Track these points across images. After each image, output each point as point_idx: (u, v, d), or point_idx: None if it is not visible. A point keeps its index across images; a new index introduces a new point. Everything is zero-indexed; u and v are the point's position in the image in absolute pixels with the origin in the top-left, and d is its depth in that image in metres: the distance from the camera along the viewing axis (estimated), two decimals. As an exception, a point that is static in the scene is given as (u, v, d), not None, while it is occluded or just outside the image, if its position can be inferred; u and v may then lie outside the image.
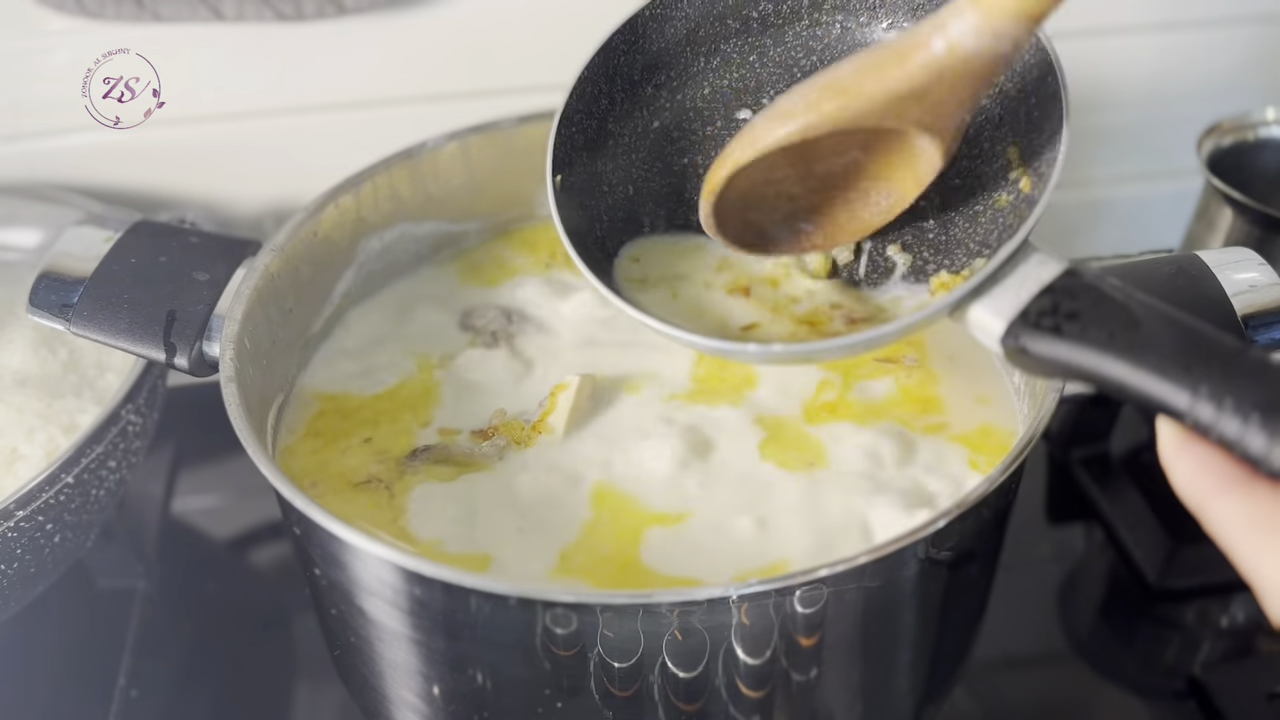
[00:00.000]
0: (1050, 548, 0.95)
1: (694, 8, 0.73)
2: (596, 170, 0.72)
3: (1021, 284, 0.59)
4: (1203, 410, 0.51)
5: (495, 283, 0.85)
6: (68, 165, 0.96)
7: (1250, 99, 1.00)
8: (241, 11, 0.89)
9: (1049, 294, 0.58)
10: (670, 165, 0.74)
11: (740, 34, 0.74)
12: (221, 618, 0.91)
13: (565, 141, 0.70)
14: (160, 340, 0.71)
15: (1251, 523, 0.48)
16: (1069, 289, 0.58)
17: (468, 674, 0.64)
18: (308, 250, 0.78)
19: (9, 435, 0.78)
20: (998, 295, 0.60)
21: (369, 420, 0.75)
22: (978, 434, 0.72)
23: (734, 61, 0.74)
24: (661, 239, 0.73)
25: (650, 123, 0.74)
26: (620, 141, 0.73)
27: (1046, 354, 0.57)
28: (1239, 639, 0.87)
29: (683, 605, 0.58)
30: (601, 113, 0.73)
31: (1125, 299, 0.56)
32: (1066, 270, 0.59)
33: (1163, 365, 0.53)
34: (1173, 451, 0.51)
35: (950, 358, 0.77)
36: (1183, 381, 0.52)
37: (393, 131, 0.85)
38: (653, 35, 0.73)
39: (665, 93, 0.74)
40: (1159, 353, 0.54)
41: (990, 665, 0.83)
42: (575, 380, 0.74)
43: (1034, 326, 0.58)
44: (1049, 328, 0.57)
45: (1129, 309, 0.56)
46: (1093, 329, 0.56)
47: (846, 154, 0.64)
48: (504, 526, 0.68)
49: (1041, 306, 0.58)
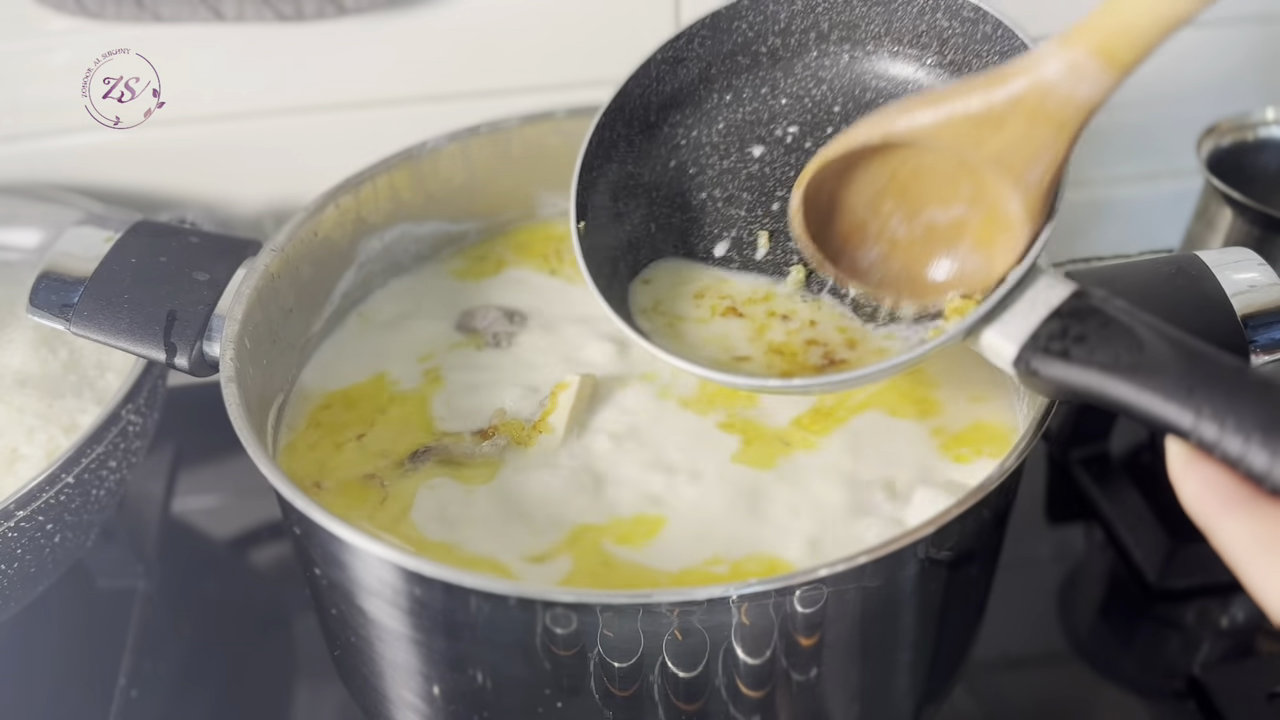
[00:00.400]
0: (1050, 548, 0.95)
1: (706, 48, 0.74)
2: (618, 211, 0.74)
3: (1031, 308, 0.60)
4: (1206, 430, 0.52)
5: (495, 283, 0.85)
6: (68, 165, 0.96)
7: (1250, 99, 1.00)
8: (241, 12, 0.89)
9: (1057, 318, 0.59)
10: (689, 200, 0.75)
11: (751, 69, 0.75)
12: (221, 618, 0.91)
13: (586, 188, 0.72)
14: (160, 340, 0.71)
15: (1256, 542, 0.49)
16: (1076, 312, 0.59)
17: (468, 674, 0.64)
18: (308, 250, 0.78)
19: (9, 435, 0.78)
20: (1008, 320, 0.61)
21: (369, 420, 0.75)
22: (971, 430, 0.72)
23: (746, 95, 0.75)
24: (677, 265, 0.75)
25: (668, 161, 0.75)
26: (640, 182, 0.75)
27: (1056, 377, 0.59)
28: (1239, 639, 0.87)
29: (683, 605, 0.58)
30: (620, 156, 0.74)
31: (1130, 321, 0.58)
32: (1074, 293, 0.60)
33: (1166, 388, 0.54)
34: (1180, 469, 0.52)
35: (949, 359, 0.77)
36: (1186, 403, 0.53)
37: (393, 131, 0.85)
38: (666, 78, 0.75)
39: (681, 130, 0.76)
40: (1162, 375, 0.55)
41: (990, 665, 0.83)
42: (576, 380, 0.74)
43: (1044, 351, 0.59)
44: (1058, 352, 0.59)
45: (1134, 332, 0.57)
46: (1099, 352, 0.57)
47: (952, 205, 0.65)
48: (504, 526, 0.68)
49: (1051, 330, 0.59)
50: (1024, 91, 0.58)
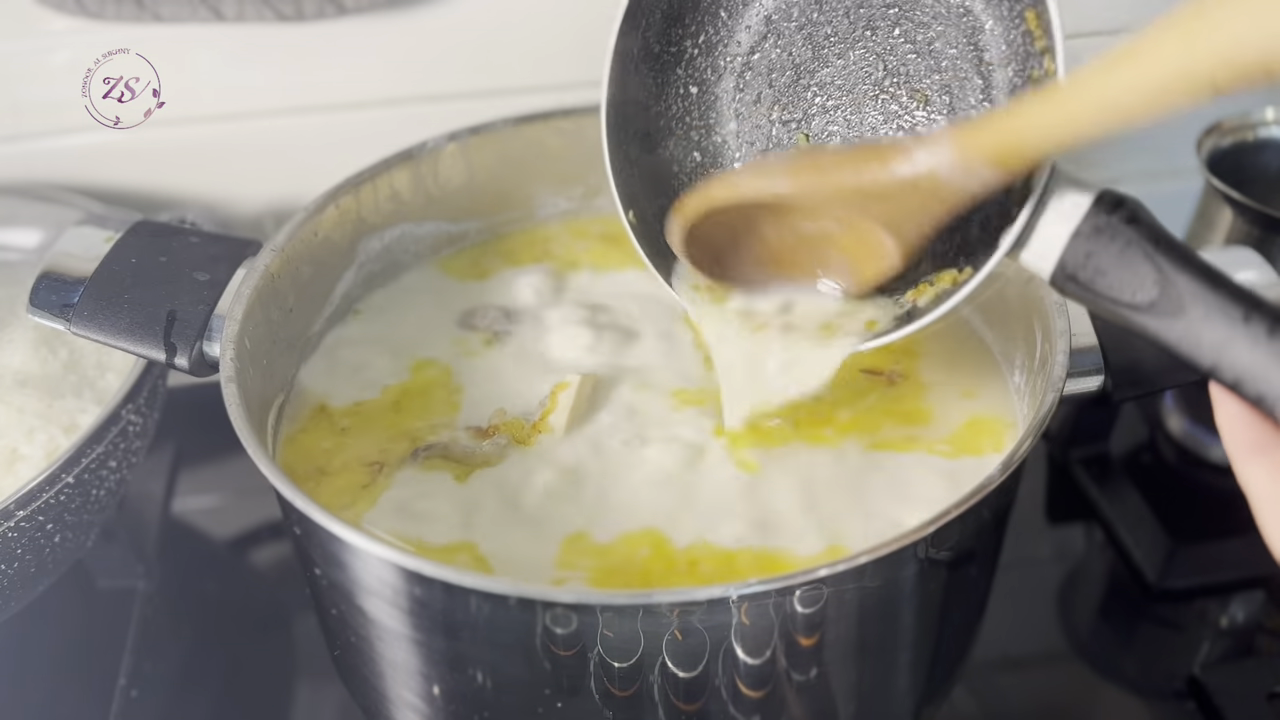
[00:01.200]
0: (1050, 548, 0.95)
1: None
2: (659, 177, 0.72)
3: (1055, 227, 0.58)
4: (1225, 374, 0.52)
5: (496, 282, 0.85)
6: (68, 165, 0.96)
7: (1250, 99, 1.00)
8: (242, 12, 0.89)
9: (1080, 239, 0.57)
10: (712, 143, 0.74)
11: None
12: (221, 618, 0.91)
13: (622, 174, 0.71)
14: (160, 340, 0.71)
15: (1277, 489, 0.49)
16: (1097, 231, 0.57)
17: (468, 674, 0.64)
18: (308, 250, 0.78)
19: (9, 435, 0.78)
20: (1034, 244, 0.59)
21: (370, 420, 0.75)
22: (965, 430, 0.72)
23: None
24: None
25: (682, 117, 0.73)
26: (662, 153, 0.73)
27: (1087, 304, 0.58)
28: (1239, 639, 0.87)
29: (683, 605, 0.58)
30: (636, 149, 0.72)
31: (1149, 253, 0.56)
32: (1093, 204, 0.58)
33: (1183, 332, 0.54)
34: (1217, 401, 0.52)
35: (947, 361, 0.77)
36: (1202, 349, 0.53)
37: (393, 131, 0.85)
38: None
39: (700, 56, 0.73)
40: (1179, 319, 0.54)
41: (990, 665, 0.83)
42: (576, 379, 0.74)
43: (1071, 280, 0.58)
44: (1084, 283, 0.57)
45: (1154, 264, 0.55)
46: (1118, 288, 0.56)
47: (821, 221, 0.65)
48: (505, 525, 0.68)
49: (1075, 257, 0.58)
50: (917, 177, 0.59)
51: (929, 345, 0.78)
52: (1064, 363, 0.66)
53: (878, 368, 0.76)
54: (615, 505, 0.69)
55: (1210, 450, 0.93)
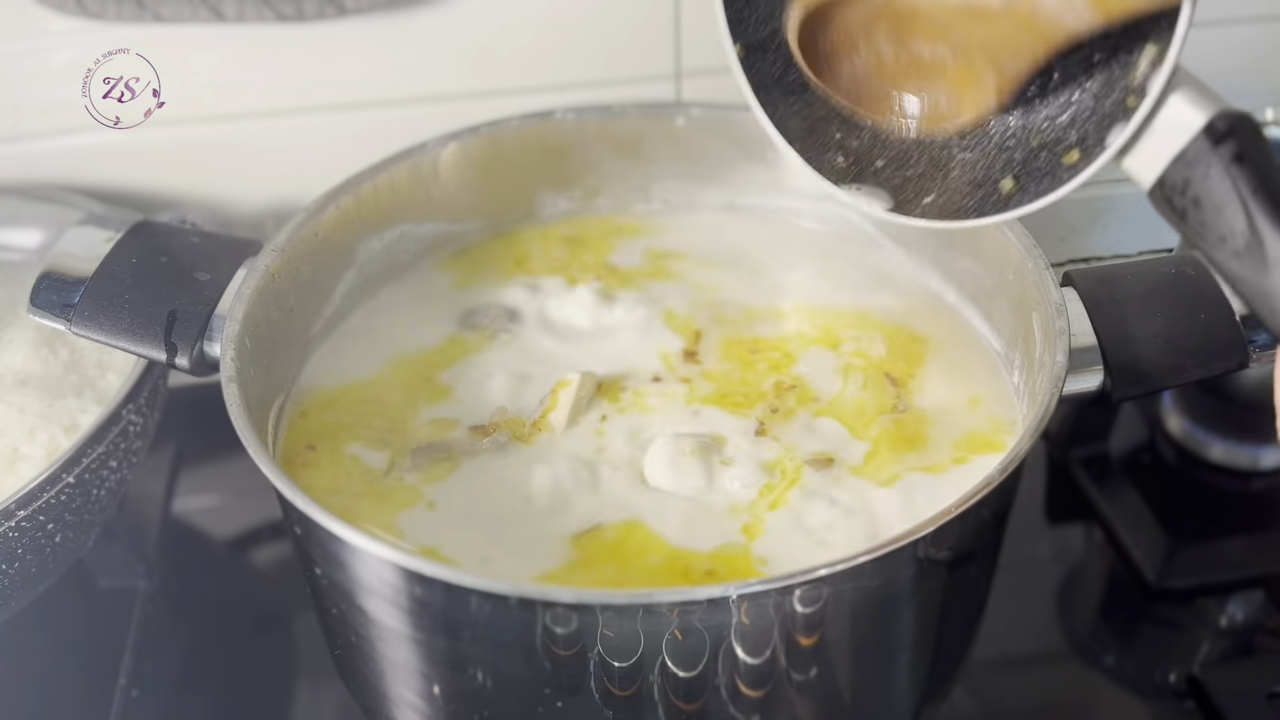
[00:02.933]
0: (1050, 548, 0.95)
1: None
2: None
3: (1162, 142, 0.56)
4: None
5: (496, 282, 0.85)
6: (68, 165, 0.96)
7: (1250, 99, 1.00)
8: (242, 12, 0.89)
9: (1181, 165, 0.55)
10: None
11: None
12: (222, 617, 0.91)
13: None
14: (161, 340, 0.71)
15: None
16: (1200, 160, 0.54)
17: (468, 673, 0.65)
18: (308, 250, 0.78)
19: (10, 435, 0.78)
20: (1139, 155, 0.57)
21: (370, 419, 0.75)
22: (965, 442, 0.72)
23: None
24: None
25: None
26: None
27: (1179, 232, 0.57)
28: (1239, 639, 0.87)
29: (683, 605, 0.58)
30: None
31: (1245, 200, 0.53)
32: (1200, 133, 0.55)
33: (1262, 289, 0.53)
34: None
35: (947, 363, 0.77)
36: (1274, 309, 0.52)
37: (393, 131, 0.85)
38: None
39: None
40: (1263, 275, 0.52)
41: (990, 665, 0.83)
42: (576, 377, 0.74)
43: (1166, 202, 0.56)
44: (1179, 210, 0.56)
45: (1247, 214, 0.53)
46: (1209, 226, 0.54)
47: (936, 44, 0.64)
48: (505, 524, 0.68)
49: (1174, 180, 0.55)
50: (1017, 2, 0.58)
51: (930, 346, 0.78)
52: (1063, 362, 0.66)
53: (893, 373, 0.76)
54: (616, 503, 0.69)
55: (1210, 450, 0.93)
